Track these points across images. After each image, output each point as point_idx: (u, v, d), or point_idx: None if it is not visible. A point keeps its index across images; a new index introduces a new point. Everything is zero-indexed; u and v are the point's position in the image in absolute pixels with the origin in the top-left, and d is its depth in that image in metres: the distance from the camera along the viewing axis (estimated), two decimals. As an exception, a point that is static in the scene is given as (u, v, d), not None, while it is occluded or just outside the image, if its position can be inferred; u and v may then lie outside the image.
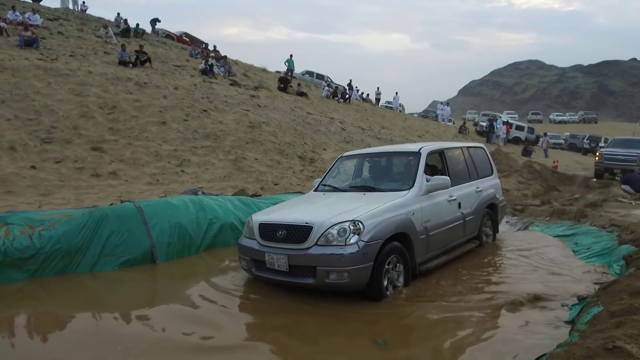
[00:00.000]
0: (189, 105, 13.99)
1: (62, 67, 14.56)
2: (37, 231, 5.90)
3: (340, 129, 17.01)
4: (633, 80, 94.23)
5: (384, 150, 6.41)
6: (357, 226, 4.16)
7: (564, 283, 4.81)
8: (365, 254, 4.09)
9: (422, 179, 5.07)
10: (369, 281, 4.17)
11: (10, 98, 11.67)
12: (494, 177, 6.97)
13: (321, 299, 4.37)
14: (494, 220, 6.76)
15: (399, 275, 4.56)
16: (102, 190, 8.53)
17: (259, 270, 4.64)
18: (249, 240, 4.80)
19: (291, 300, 4.44)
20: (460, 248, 5.82)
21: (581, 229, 7.15)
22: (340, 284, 4.13)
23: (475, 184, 6.25)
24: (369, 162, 6.23)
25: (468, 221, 5.81)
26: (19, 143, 9.85)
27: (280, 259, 4.35)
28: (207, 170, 10.66)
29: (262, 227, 4.64)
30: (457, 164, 6.08)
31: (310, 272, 4.21)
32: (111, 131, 11.30)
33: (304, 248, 4.23)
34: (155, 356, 3.30)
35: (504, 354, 3.25)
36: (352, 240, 4.09)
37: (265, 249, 4.52)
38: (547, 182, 15.55)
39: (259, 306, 4.47)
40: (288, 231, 4.39)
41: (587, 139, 32.80)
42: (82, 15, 28.54)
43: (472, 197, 6.05)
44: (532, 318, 3.88)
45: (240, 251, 4.92)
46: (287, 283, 4.44)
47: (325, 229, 4.18)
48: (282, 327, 3.87)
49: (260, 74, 26.35)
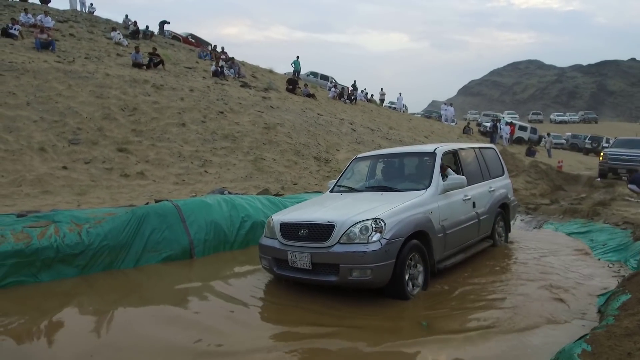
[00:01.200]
0: (206, 107, 14.33)
1: (80, 70, 14.89)
2: (85, 229, 6.18)
3: (350, 129, 17.37)
4: (632, 80, 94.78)
5: (399, 151, 6.52)
6: (379, 224, 4.23)
7: (586, 278, 5.18)
8: (388, 252, 4.17)
9: (439, 179, 5.19)
10: (391, 279, 4.25)
11: (35, 100, 12.00)
12: (505, 177, 7.09)
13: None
14: (507, 220, 6.87)
15: (419, 274, 4.63)
16: (133, 190, 8.87)
17: (281, 269, 4.70)
18: (270, 239, 4.85)
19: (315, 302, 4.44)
20: (475, 247, 5.92)
21: (595, 226, 7.52)
22: (363, 281, 4.18)
23: (488, 183, 6.36)
24: (384, 163, 6.32)
25: (482, 220, 5.91)
26: (48, 144, 10.18)
27: (303, 257, 4.41)
28: (228, 170, 11.01)
29: (283, 226, 4.70)
30: (470, 164, 6.19)
31: (333, 269, 4.27)
32: (134, 133, 11.64)
33: (327, 246, 4.29)
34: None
35: (547, 337, 3.61)
36: (374, 238, 4.17)
37: (287, 247, 4.57)
38: (554, 182, 15.94)
39: (285, 305, 4.51)
40: (310, 230, 4.45)
41: (588, 139, 33.21)
42: (90, 17, 28.81)
43: (486, 197, 6.17)
44: (560, 308, 4.25)
45: (262, 250, 4.97)
46: (310, 281, 4.50)
47: (347, 227, 4.25)
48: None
49: (268, 75, 26.69)
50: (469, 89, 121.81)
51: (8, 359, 3.44)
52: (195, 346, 3.53)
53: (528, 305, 4.28)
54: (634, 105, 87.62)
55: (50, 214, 6.50)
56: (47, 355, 3.49)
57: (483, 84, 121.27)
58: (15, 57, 14.97)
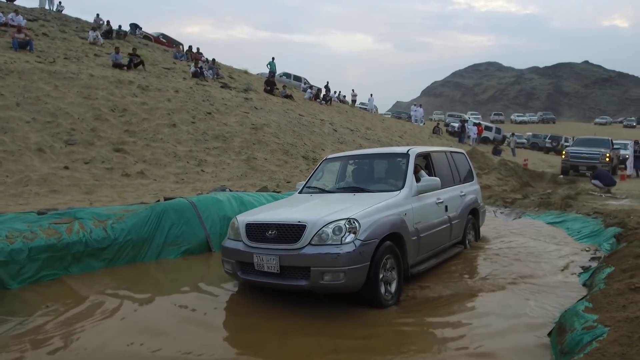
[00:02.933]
0: (193, 108, 14.62)
1: (64, 70, 14.86)
2: (109, 224, 6.51)
3: (332, 130, 18.01)
4: (585, 82, 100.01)
5: (371, 152, 6.46)
6: (353, 225, 4.04)
7: (567, 257, 5.99)
8: (362, 254, 3.97)
9: (412, 180, 5.08)
10: (365, 283, 4.05)
11: (24, 101, 12.00)
12: (475, 183, 7.05)
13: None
14: (476, 226, 6.83)
15: (393, 279, 4.42)
16: (137, 189, 9.17)
17: (245, 273, 4.40)
18: (234, 242, 4.58)
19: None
20: (447, 252, 5.81)
21: (569, 216, 8.43)
22: (336, 285, 3.96)
23: (459, 188, 6.29)
24: (355, 164, 6.18)
25: (454, 225, 5.82)
26: (45, 145, 10.30)
27: (270, 260, 4.14)
28: (223, 170, 11.41)
29: (249, 227, 4.43)
30: (442, 168, 6.06)
31: (303, 273, 4.03)
32: (128, 133, 11.85)
33: (297, 248, 4.05)
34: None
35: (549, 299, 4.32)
36: (348, 239, 3.97)
37: (253, 250, 4.30)
38: (522, 179, 17.10)
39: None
40: (279, 231, 4.20)
41: (548, 138, 35.14)
42: (59, 16, 28.24)
43: (457, 201, 6.08)
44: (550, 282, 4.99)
45: (224, 254, 4.67)
46: (278, 286, 4.24)
47: (319, 228, 4.03)
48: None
49: (244, 76, 26.99)
50: (432, 90, 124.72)
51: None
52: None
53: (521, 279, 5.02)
54: (587, 105, 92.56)
55: (71, 211, 6.79)
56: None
57: (445, 85, 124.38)
58: (-6, 57, 14.77)
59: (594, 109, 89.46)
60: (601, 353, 2.58)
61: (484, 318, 4.02)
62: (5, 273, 5.27)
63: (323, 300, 4.36)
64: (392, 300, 4.33)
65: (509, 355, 3.32)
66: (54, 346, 3.62)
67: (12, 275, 5.34)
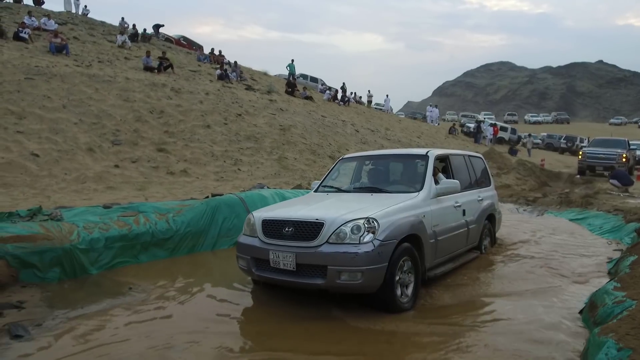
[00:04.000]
0: (224, 109, 15.32)
1: (101, 74, 15.64)
2: (170, 217, 7.18)
3: (354, 130, 18.62)
4: (600, 82, 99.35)
5: (388, 153, 6.41)
6: (372, 224, 4.00)
7: (596, 248, 6.57)
8: (380, 254, 3.93)
9: (432, 182, 5.04)
10: (381, 285, 4.00)
11: (69, 103, 12.78)
12: (492, 188, 6.95)
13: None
14: (492, 231, 6.73)
15: (410, 282, 4.36)
16: (184, 186, 9.86)
17: (260, 269, 4.37)
18: (250, 237, 4.55)
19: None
20: (464, 257, 5.75)
21: (590, 213, 8.95)
22: (353, 285, 3.92)
23: (477, 192, 6.21)
24: (372, 165, 6.13)
25: (471, 229, 5.75)
26: (94, 145, 11.04)
27: (286, 258, 4.11)
28: (258, 168, 12.08)
29: (265, 223, 4.41)
30: (461, 171, 6.01)
31: (319, 272, 3.98)
32: (167, 134, 12.57)
33: (314, 246, 4.01)
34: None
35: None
36: (366, 239, 3.93)
37: (269, 246, 4.27)
38: (539, 179, 17.56)
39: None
40: (296, 228, 4.16)
41: (563, 138, 35.38)
42: (86, 20, 29.19)
43: (475, 206, 6.01)
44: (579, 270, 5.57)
45: (239, 249, 4.65)
46: (293, 284, 4.18)
47: (337, 226, 4.00)
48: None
49: (264, 77, 27.69)
50: (443, 90, 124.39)
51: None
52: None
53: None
54: (602, 106, 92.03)
55: (134, 206, 7.49)
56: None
57: (457, 85, 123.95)
58: (37, 61, 15.59)
59: (608, 109, 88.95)
60: (631, 318, 3.16)
61: (522, 301, 4.61)
62: (86, 260, 5.94)
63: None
64: (409, 304, 4.26)
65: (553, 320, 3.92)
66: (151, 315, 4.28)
67: (92, 262, 6.00)
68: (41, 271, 5.51)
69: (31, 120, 11.35)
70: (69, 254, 5.76)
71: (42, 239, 5.69)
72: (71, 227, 6.14)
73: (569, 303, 4.44)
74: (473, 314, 4.29)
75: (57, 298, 4.97)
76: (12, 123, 10.93)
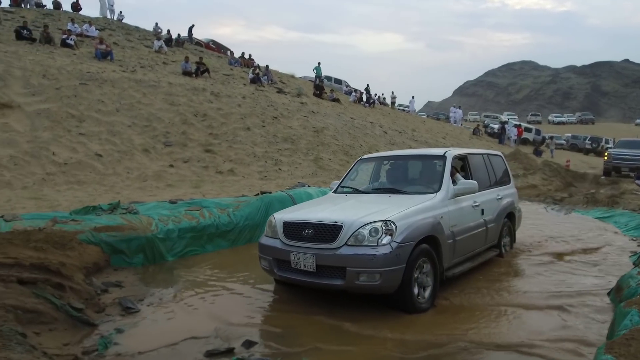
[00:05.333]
0: (261, 112, 16.18)
1: (146, 79, 16.67)
2: (230, 211, 8.02)
3: (382, 132, 19.31)
4: (626, 81, 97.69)
5: (406, 153, 6.53)
6: (390, 226, 4.11)
7: (617, 243, 7.18)
8: (398, 256, 4.05)
9: (449, 183, 5.09)
10: (399, 285, 4.13)
11: (121, 107, 13.79)
12: (512, 186, 6.94)
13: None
14: (512, 230, 6.74)
15: (428, 283, 4.48)
16: (233, 184, 10.71)
17: (282, 270, 4.55)
18: (272, 239, 4.71)
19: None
20: (482, 256, 5.79)
21: (616, 212, 9.50)
22: (371, 286, 4.07)
23: (496, 191, 6.22)
24: (391, 165, 6.19)
25: (490, 228, 5.78)
26: (148, 146, 12.00)
27: (307, 259, 4.27)
28: (296, 168, 12.89)
29: (286, 225, 4.56)
30: (479, 170, 6.04)
31: (339, 273, 4.14)
32: (212, 136, 13.48)
33: (333, 248, 4.17)
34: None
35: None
36: (384, 241, 4.06)
37: (290, 248, 4.43)
38: (565, 179, 17.96)
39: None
40: (315, 230, 4.31)
41: (588, 139, 35.37)
42: (121, 25, 30.48)
43: (494, 205, 6.03)
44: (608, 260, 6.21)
45: (261, 250, 4.82)
46: (313, 284, 4.35)
47: (356, 229, 4.14)
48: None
49: (292, 80, 28.57)
50: (464, 90, 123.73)
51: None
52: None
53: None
54: (627, 106, 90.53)
55: (197, 201, 8.37)
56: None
57: (478, 84, 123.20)
58: (86, 67, 16.69)
59: (634, 109, 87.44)
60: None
61: (560, 275, 5.30)
62: (164, 248, 6.80)
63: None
64: (426, 304, 4.40)
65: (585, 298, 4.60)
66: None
67: (168, 250, 6.86)
68: (128, 257, 6.39)
69: (90, 123, 12.36)
70: (151, 242, 6.63)
71: (129, 229, 6.58)
72: (149, 219, 7.02)
73: (598, 286, 5.13)
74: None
75: (148, 279, 5.84)
76: (74, 126, 11.96)
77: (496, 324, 4.19)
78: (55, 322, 4.24)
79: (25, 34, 19.77)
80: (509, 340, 3.81)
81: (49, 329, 4.12)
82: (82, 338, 4.11)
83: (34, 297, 4.39)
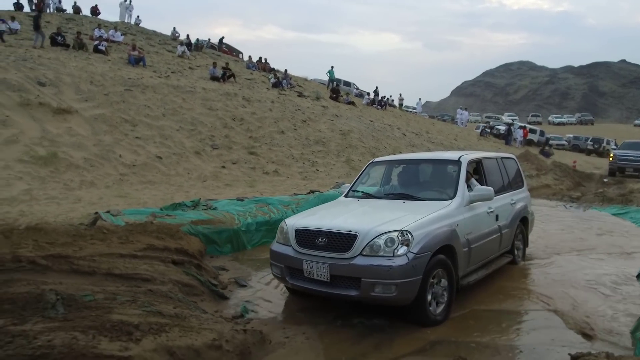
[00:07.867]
0: (291, 116, 17.24)
1: (182, 85, 17.68)
2: (292, 208, 9.07)
3: (401, 134, 20.41)
4: (623, 82, 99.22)
5: (419, 157, 6.34)
6: (406, 237, 4.02)
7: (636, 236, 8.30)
8: (415, 267, 3.96)
9: (465, 189, 4.99)
10: (415, 297, 4.03)
11: (166, 112, 14.80)
12: (525, 190, 6.83)
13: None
14: (525, 234, 6.64)
15: (444, 294, 4.38)
16: (281, 184, 11.76)
17: (294, 278, 4.47)
18: (284, 246, 4.65)
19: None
20: (496, 262, 5.68)
21: (631, 209, 10.63)
22: (387, 298, 3.97)
23: (510, 195, 6.12)
24: (403, 169, 6.07)
25: (504, 234, 5.68)
26: (199, 149, 13.03)
27: (320, 268, 4.19)
28: (332, 169, 13.96)
29: (299, 233, 4.48)
30: (493, 175, 5.93)
31: (353, 283, 4.05)
32: (252, 139, 14.53)
33: (348, 257, 4.08)
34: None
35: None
36: (400, 252, 3.97)
37: (303, 256, 4.35)
38: (574, 179, 19.13)
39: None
40: (329, 239, 4.22)
41: (590, 140, 36.57)
42: (140, 29, 31.44)
43: (508, 210, 5.92)
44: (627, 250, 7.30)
45: (273, 257, 4.75)
46: (327, 294, 4.28)
47: (371, 238, 4.04)
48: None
49: (307, 84, 29.62)
50: (462, 90, 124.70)
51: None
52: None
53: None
54: (624, 106, 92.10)
55: (262, 199, 9.43)
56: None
57: (476, 84, 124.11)
58: (125, 73, 17.68)
59: (631, 109, 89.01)
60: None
61: (581, 261, 6.39)
62: (245, 238, 7.88)
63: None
64: (441, 316, 4.31)
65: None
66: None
67: (248, 240, 7.93)
68: (219, 246, 7.47)
69: (142, 127, 13.37)
70: (237, 234, 7.72)
71: (219, 222, 7.66)
72: (230, 214, 8.10)
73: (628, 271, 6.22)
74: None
75: (243, 263, 6.89)
76: (129, 130, 12.97)
77: None
78: (203, 294, 5.31)
79: (60, 40, 20.74)
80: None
81: (201, 300, 5.18)
82: (222, 308, 5.15)
83: (184, 274, 5.47)
